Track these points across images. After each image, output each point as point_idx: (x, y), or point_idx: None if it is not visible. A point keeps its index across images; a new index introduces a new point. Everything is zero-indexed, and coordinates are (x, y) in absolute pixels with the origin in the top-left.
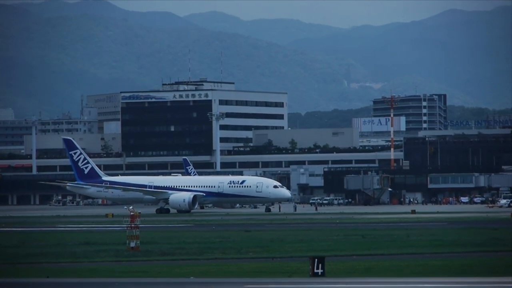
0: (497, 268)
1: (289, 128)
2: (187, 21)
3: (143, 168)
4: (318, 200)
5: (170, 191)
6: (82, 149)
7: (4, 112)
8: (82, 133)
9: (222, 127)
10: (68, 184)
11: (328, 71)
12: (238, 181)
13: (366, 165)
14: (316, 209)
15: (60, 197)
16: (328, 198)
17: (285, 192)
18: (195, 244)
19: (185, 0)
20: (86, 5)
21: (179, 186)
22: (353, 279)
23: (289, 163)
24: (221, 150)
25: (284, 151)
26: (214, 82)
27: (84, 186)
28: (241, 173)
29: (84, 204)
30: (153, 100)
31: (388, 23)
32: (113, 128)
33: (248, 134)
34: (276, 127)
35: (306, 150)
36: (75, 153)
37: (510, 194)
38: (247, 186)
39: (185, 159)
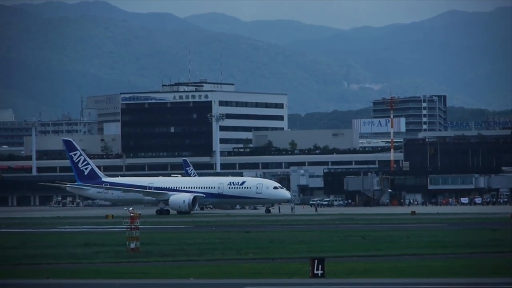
0: (497, 269)
1: (289, 129)
2: (187, 22)
3: (143, 169)
4: (318, 201)
5: (170, 192)
6: (82, 150)
7: (4, 113)
8: (82, 134)
9: (222, 128)
10: (68, 185)
11: (328, 72)
12: (238, 182)
13: (366, 166)
14: (316, 210)
15: (60, 198)
16: (328, 199)
17: (285, 193)
18: (195, 245)
19: (185, 1)
20: (86, 6)
21: (179, 187)
22: (353, 280)
23: (289, 164)
24: (221, 151)
25: (284, 152)
26: (214, 83)
27: (84, 187)
28: (241, 174)
29: (84, 205)
30: (153, 101)
31: (388, 24)
32: (113, 129)
33: (248, 135)
34: (276, 128)
35: (306, 151)
36: (75, 154)
37: None
38: (247, 187)
39: (185, 160)
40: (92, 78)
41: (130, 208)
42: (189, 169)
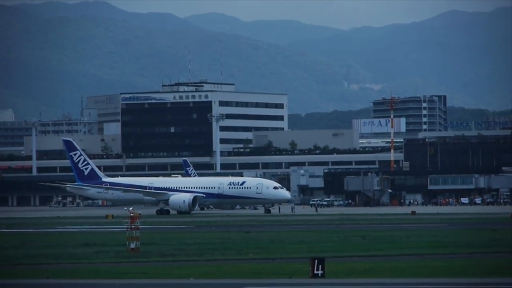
0: (497, 269)
1: (289, 129)
2: (187, 22)
3: (143, 169)
4: (318, 201)
5: (170, 192)
6: (82, 150)
7: (4, 113)
8: (82, 134)
9: (222, 128)
10: (68, 185)
11: (328, 72)
12: (238, 182)
13: (366, 166)
14: (316, 210)
15: (60, 198)
16: (328, 199)
17: (285, 193)
18: (195, 245)
19: (185, 1)
20: (86, 6)
21: (179, 187)
22: (353, 280)
23: (289, 164)
24: (221, 151)
25: (284, 152)
26: (214, 83)
27: (84, 187)
28: (241, 174)
29: (84, 205)
30: (153, 101)
31: (388, 24)
32: (113, 129)
33: (248, 135)
34: (276, 128)
35: (306, 151)
36: (75, 154)
37: None
38: (247, 187)
39: (185, 160)
40: (92, 78)
41: (130, 208)
42: (189, 169)
